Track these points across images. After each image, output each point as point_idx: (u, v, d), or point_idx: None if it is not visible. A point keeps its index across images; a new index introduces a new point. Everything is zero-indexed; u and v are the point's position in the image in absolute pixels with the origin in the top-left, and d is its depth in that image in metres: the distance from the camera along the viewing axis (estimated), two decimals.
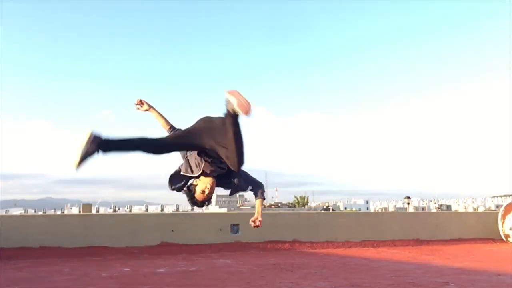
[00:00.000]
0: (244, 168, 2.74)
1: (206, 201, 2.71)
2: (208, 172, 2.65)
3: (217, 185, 2.67)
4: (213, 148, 2.45)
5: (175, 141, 2.47)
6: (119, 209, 41.37)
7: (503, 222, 5.88)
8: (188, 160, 2.54)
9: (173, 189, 2.56)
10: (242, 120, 2.09)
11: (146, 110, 2.65)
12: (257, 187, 3.02)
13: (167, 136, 2.55)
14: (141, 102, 2.65)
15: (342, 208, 50.83)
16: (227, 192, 2.76)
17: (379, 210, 35.19)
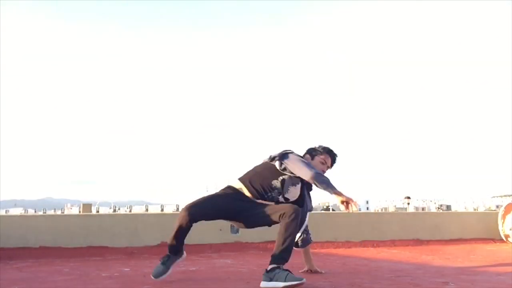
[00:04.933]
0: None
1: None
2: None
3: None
4: None
5: None
6: (119, 209, 41.33)
7: (503, 222, 5.88)
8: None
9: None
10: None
11: None
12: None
13: None
14: None
15: (342, 208, 50.67)
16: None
17: (379, 210, 35.18)
